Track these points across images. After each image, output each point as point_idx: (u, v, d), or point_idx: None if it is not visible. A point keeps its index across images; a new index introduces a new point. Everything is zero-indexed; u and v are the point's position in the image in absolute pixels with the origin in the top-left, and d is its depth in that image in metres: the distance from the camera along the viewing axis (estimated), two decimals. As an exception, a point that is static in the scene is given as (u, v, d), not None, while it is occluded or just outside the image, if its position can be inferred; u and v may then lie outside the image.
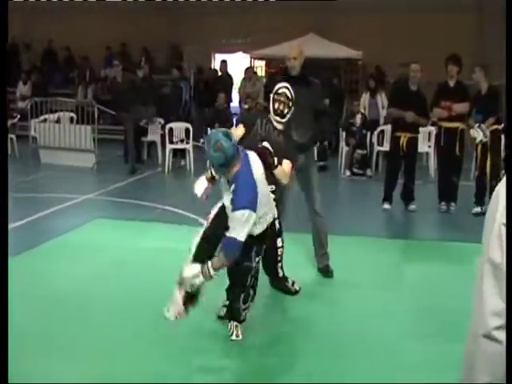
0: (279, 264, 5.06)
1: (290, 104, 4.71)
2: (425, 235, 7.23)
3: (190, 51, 16.82)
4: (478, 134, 7.59)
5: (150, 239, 6.64)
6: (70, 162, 11.05)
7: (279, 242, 4.94)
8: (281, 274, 5.11)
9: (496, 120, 7.67)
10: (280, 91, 4.73)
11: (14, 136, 12.12)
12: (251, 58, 16.71)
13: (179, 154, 11.83)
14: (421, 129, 10.69)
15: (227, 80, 13.99)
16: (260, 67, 17.58)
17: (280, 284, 5.13)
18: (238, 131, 4.73)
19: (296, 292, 5.10)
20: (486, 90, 7.82)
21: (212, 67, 16.85)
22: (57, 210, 7.88)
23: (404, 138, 8.02)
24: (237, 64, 17.29)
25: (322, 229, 5.55)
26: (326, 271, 5.55)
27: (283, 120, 4.75)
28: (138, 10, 17.84)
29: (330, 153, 12.04)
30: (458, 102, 7.87)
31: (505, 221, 1.26)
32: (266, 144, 4.62)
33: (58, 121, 12.27)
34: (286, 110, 4.72)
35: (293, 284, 5.14)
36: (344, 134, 11.42)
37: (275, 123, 4.76)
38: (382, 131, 11.14)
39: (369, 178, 10.82)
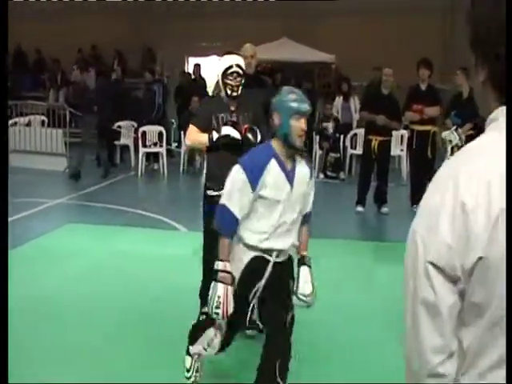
0: None
1: (242, 81, 4.23)
2: (397, 237, 7.27)
3: (163, 54, 16.76)
4: (455, 137, 7.66)
5: (122, 243, 6.58)
6: (42, 166, 10.92)
7: None
8: None
9: (473, 126, 7.76)
10: (231, 71, 4.20)
11: (-17, 140, 11.92)
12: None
13: (152, 157, 11.77)
14: (393, 132, 10.81)
15: (201, 84, 13.95)
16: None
17: None
18: (199, 136, 4.19)
19: None
20: (467, 94, 7.91)
21: (186, 70, 16.79)
22: (28, 215, 7.77)
23: (376, 142, 8.09)
24: (211, 67, 17.26)
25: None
26: None
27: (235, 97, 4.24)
28: (112, 12, 17.72)
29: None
30: (429, 106, 7.96)
31: (429, 258, 1.25)
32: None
33: (28, 124, 12.12)
34: (239, 90, 4.23)
35: None
36: (317, 137, 11.47)
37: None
38: (355, 135, 11.22)
39: (342, 181, 10.88)
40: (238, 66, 4.23)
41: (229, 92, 4.20)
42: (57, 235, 6.87)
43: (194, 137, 4.26)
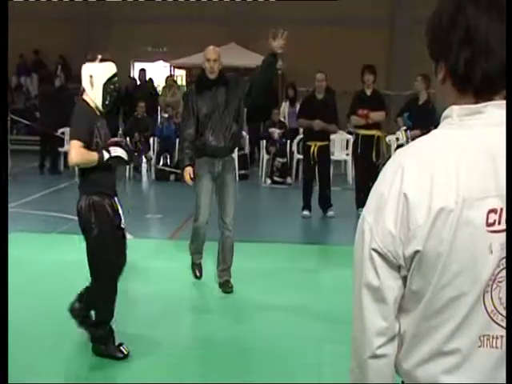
0: None
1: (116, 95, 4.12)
2: (343, 241, 7.37)
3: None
4: (402, 137, 7.80)
5: (67, 251, 6.45)
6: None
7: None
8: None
9: (421, 134, 7.91)
10: (115, 80, 4.08)
11: None
12: (171, 66, 16.61)
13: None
14: (338, 137, 10.98)
15: (146, 88, 13.83)
16: (180, 76, 17.50)
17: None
18: (86, 155, 3.90)
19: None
20: (423, 101, 8.07)
21: (131, 75, 16.62)
22: None
23: (315, 147, 8.18)
24: (157, 73, 17.14)
25: (227, 243, 5.29)
26: (225, 286, 5.29)
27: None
28: (55, 16, 17.39)
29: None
30: (374, 110, 8.11)
31: (374, 245, 1.29)
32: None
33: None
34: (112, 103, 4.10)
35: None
36: (264, 142, 11.52)
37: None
38: (302, 139, 11.31)
39: (289, 186, 10.96)
40: (116, 75, 4.09)
41: (107, 102, 4.00)
42: None
43: (82, 155, 3.86)
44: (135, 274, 5.81)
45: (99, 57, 4.01)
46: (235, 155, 11.31)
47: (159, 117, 13.68)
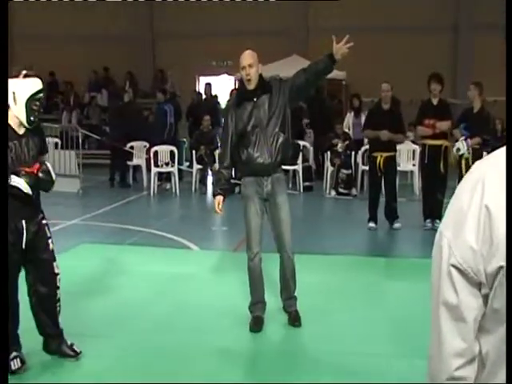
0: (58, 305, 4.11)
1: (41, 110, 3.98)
2: (410, 253, 7.24)
3: (174, 75, 16.90)
4: (463, 146, 7.63)
5: (136, 263, 6.60)
6: (55, 188, 10.92)
7: (56, 268, 4.10)
8: (61, 326, 4.14)
9: (482, 141, 7.74)
10: (39, 96, 3.93)
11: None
12: (236, 80, 16.81)
13: (164, 177, 11.83)
14: (405, 147, 10.80)
15: (212, 103, 14.04)
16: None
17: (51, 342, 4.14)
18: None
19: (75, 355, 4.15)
20: (478, 109, 7.90)
21: (197, 90, 16.92)
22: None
23: (381, 158, 8.07)
24: (222, 86, 17.37)
25: (290, 271, 4.82)
26: (294, 320, 4.83)
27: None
28: (122, 34, 17.94)
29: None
30: (441, 120, 7.95)
31: (453, 261, 1.24)
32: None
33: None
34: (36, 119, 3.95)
35: (71, 345, 4.16)
36: (329, 154, 11.48)
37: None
38: (367, 151, 11.19)
39: (354, 198, 10.86)
40: (42, 91, 3.96)
41: (32, 118, 3.87)
42: (72, 256, 6.90)
43: None
44: (197, 284, 5.89)
45: (23, 73, 3.91)
46: (299, 167, 11.43)
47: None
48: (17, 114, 3.86)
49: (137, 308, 5.21)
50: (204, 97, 14.33)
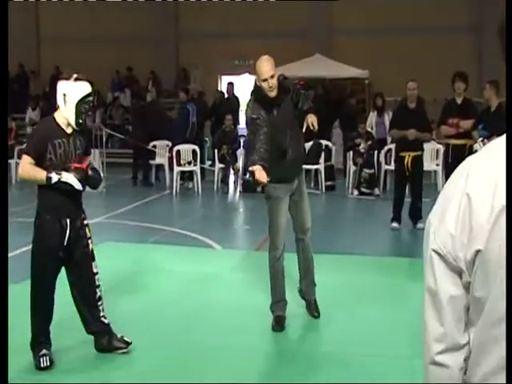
0: (100, 303, 4.18)
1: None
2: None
3: (196, 74, 16.96)
4: (480, 147, 7.54)
5: (158, 261, 6.63)
6: (79, 186, 11.08)
7: (94, 268, 4.18)
8: (106, 321, 4.20)
9: None
10: (89, 99, 4.04)
11: (12, 161, 12.02)
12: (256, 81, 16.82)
13: (187, 176, 11.88)
14: (428, 147, 10.69)
15: (234, 102, 14.06)
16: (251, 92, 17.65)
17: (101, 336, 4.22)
18: (35, 172, 3.89)
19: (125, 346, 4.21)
20: (495, 108, 7.81)
21: (219, 89, 16.96)
22: (65, 234, 7.89)
23: (409, 158, 8.01)
24: (243, 85, 17.39)
25: (309, 258, 4.94)
26: (312, 310, 4.94)
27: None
28: (147, 33, 18.05)
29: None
30: (465, 119, 7.86)
31: (434, 246, 1.28)
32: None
33: (66, 145, 12.33)
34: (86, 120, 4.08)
35: (121, 338, 4.23)
36: (351, 153, 11.42)
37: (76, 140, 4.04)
38: (390, 150, 11.12)
39: (377, 197, 10.79)
40: (91, 94, 4.07)
41: (80, 121, 3.97)
42: (96, 253, 6.95)
43: (29, 171, 3.87)
44: (220, 284, 5.90)
45: (74, 76, 4.04)
46: (321, 166, 11.39)
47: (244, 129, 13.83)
48: (66, 116, 3.97)
49: (162, 307, 5.23)
50: (226, 96, 14.36)
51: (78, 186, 3.91)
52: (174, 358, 4.24)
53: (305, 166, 5.67)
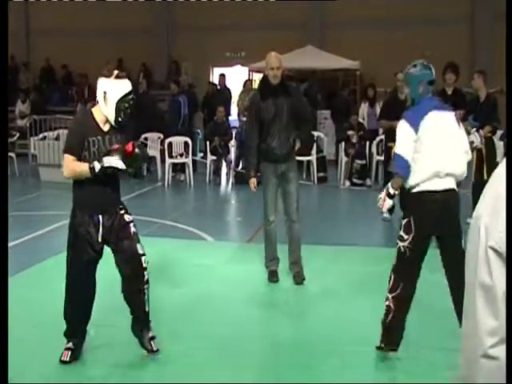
0: (145, 287, 4.14)
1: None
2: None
3: (188, 66, 16.89)
4: (476, 138, 7.55)
5: (151, 253, 6.60)
6: (122, 166, 11.01)
7: (140, 249, 4.11)
8: (147, 309, 4.15)
9: (492, 128, 7.67)
10: (130, 97, 3.99)
11: (13, 154, 12.12)
12: (249, 70, 16.78)
13: (179, 168, 11.85)
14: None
15: (226, 93, 14.03)
16: (258, 80, 17.64)
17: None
18: (77, 167, 3.93)
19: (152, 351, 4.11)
20: (484, 98, 7.83)
21: (211, 81, 16.91)
22: (57, 228, 7.86)
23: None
24: (235, 77, 17.36)
25: (295, 237, 5.60)
26: (297, 278, 5.55)
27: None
28: (138, 26, 17.97)
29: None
30: (456, 109, 7.86)
31: (492, 243, 1.28)
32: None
33: (57, 138, 12.30)
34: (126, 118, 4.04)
35: (152, 339, 4.14)
36: (343, 144, 11.43)
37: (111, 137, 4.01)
38: (381, 141, 11.13)
39: (369, 188, 10.81)
40: (132, 92, 4.03)
41: (120, 119, 3.96)
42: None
43: (73, 167, 3.93)
44: (213, 276, 5.91)
45: (115, 73, 3.98)
46: (313, 157, 11.40)
47: (238, 121, 13.83)
48: (105, 113, 3.96)
49: (156, 299, 5.23)
50: (218, 87, 14.32)
51: (121, 165, 3.88)
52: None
53: (297, 158, 6.10)
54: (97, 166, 3.84)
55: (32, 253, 6.66)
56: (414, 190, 3.96)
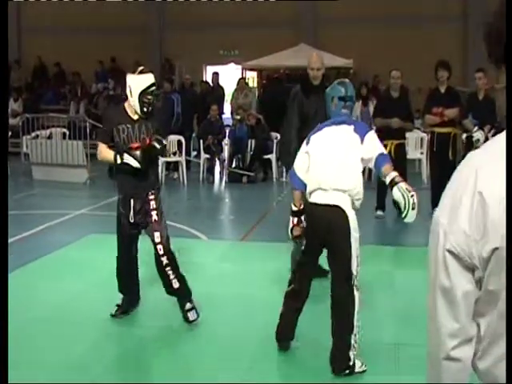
0: (167, 269, 4.53)
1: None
2: (418, 241, 7.20)
3: (181, 64, 16.88)
4: (482, 135, 7.52)
5: (144, 252, 6.59)
6: (63, 178, 11.03)
7: (157, 238, 4.53)
8: (176, 285, 4.54)
9: (492, 126, 7.68)
10: (151, 90, 4.41)
11: (6, 153, 12.04)
12: (243, 69, 16.78)
13: (172, 166, 11.83)
14: (412, 135, 10.74)
15: (219, 92, 14.01)
16: (252, 78, 17.63)
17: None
18: (107, 154, 4.47)
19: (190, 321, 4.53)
20: (483, 96, 7.84)
21: (204, 79, 16.89)
22: (50, 226, 7.84)
23: (391, 146, 8.04)
24: (229, 75, 17.35)
25: None
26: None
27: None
28: (131, 24, 17.92)
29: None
30: (449, 108, 7.89)
31: (448, 246, 1.30)
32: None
33: (49, 137, 12.26)
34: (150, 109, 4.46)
35: (189, 310, 4.55)
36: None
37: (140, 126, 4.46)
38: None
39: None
40: (154, 84, 4.46)
41: (144, 109, 4.40)
42: (80, 246, 6.93)
43: (104, 154, 4.51)
44: (205, 274, 5.89)
45: (139, 69, 4.44)
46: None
47: (231, 119, 13.82)
48: (132, 105, 4.44)
49: (152, 299, 5.22)
50: (211, 86, 14.30)
51: (135, 164, 4.30)
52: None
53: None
54: (118, 159, 4.35)
55: (27, 251, 6.62)
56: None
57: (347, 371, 3.77)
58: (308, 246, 4.04)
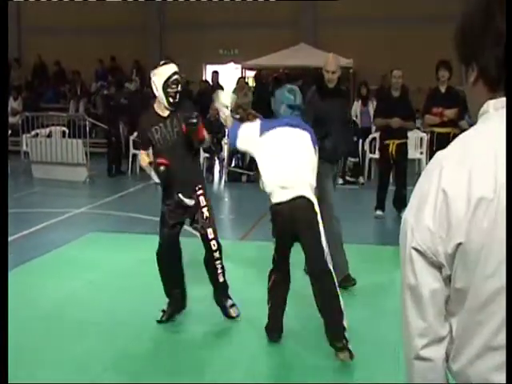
0: (217, 263, 4.62)
1: (179, 87, 4.41)
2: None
3: (181, 63, 16.87)
4: None
5: (144, 251, 6.60)
6: (63, 177, 11.03)
7: (209, 234, 4.58)
8: (221, 279, 4.69)
9: None
10: (172, 79, 4.35)
11: (5, 151, 12.04)
12: (243, 68, 16.78)
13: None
14: (412, 135, 10.75)
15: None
16: (251, 77, 17.64)
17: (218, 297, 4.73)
18: (146, 162, 4.52)
19: (232, 317, 4.68)
20: None
21: (204, 78, 16.89)
22: (50, 225, 7.85)
23: (393, 145, 8.05)
24: (228, 75, 17.34)
25: (336, 232, 5.50)
26: (346, 282, 5.26)
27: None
28: (131, 23, 17.92)
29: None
30: (449, 108, 7.89)
31: (414, 244, 1.31)
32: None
33: (49, 135, 12.26)
34: (177, 96, 4.41)
35: (232, 306, 4.72)
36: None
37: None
38: (374, 139, 11.17)
39: (361, 186, 10.83)
40: (176, 73, 4.38)
41: (171, 100, 4.35)
42: (80, 244, 6.94)
43: (141, 162, 4.61)
44: (205, 274, 5.88)
45: (161, 63, 4.41)
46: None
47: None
48: (160, 100, 4.38)
49: (154, 297, 5.23)
50: (211, 85, 14.29)
51: (155, 179, 4.38)
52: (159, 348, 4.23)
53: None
54: (147, 170, 4.44)
55: (27, 250, 6.63)
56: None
57: (345, 333, 3.88)
58: (280, 244, 4.15)
